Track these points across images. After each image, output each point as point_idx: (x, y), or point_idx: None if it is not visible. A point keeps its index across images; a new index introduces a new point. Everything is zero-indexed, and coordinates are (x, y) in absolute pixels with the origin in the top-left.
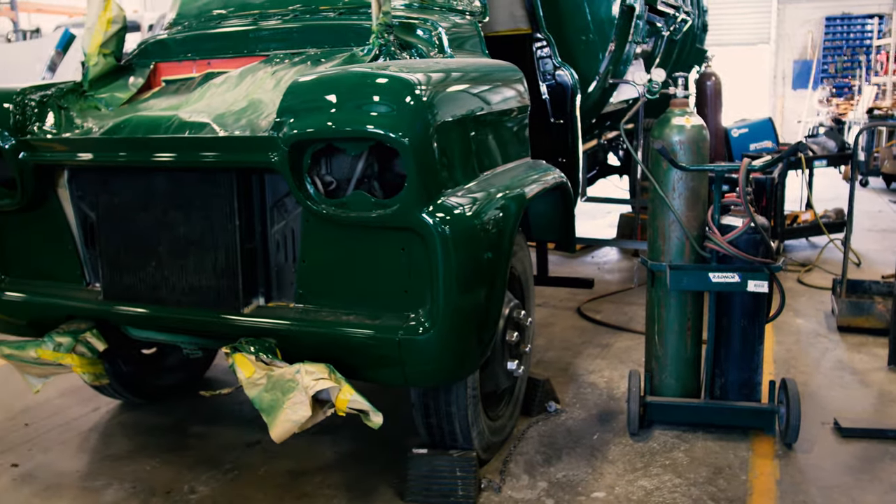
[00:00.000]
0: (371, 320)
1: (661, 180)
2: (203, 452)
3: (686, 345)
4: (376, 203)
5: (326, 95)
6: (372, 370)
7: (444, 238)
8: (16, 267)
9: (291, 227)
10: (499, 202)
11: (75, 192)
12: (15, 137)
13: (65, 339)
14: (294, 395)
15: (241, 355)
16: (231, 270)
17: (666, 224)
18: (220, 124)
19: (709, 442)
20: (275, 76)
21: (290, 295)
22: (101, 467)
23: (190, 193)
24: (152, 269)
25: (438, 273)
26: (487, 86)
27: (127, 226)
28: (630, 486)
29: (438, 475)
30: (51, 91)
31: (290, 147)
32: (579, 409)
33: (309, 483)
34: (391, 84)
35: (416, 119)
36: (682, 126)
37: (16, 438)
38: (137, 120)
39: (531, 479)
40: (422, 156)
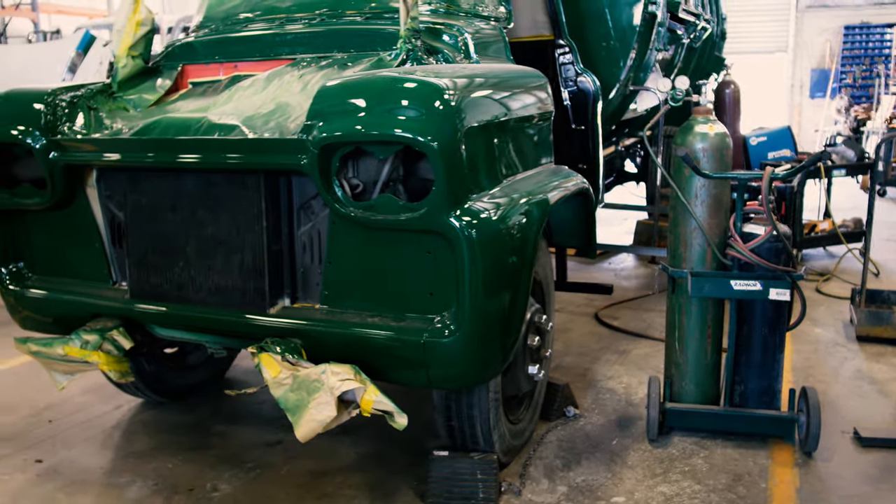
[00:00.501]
0: (396, 322)
1: (683, 187)
2: (225, 451)
3: (706, 352)
4: (404, 206)
5: (356, 99)
6: (396, 372)
7: (470, 242)
8: (43, 265)
9: (318, 229)
10: (524, 207)
11: (104, 192)
12: (46, 137)
13: (92, 337)
14: (319, 396)
15: (267, 355)
16: (257, 271)
17: (688, 231)
18: (248, 126)
19: (728, 449)
20: (302, 80)
21: (316, 296)
22: (124, 464)
23: (218, 194)
24: (179, 269)
25: (464, 276)
26: (513, 91)
27: (155, 226)
28: (650, 491)
29: (459, 477)
30: (81, 92)
31: (320, 150)
32: (598, 414)
33: (330, 483)
34: (420, 88)
35: (445, 123)
36: (706, 134)
37: (40, 434)
38: (167, 121)
39: (551, 483)
40: (450, 160)
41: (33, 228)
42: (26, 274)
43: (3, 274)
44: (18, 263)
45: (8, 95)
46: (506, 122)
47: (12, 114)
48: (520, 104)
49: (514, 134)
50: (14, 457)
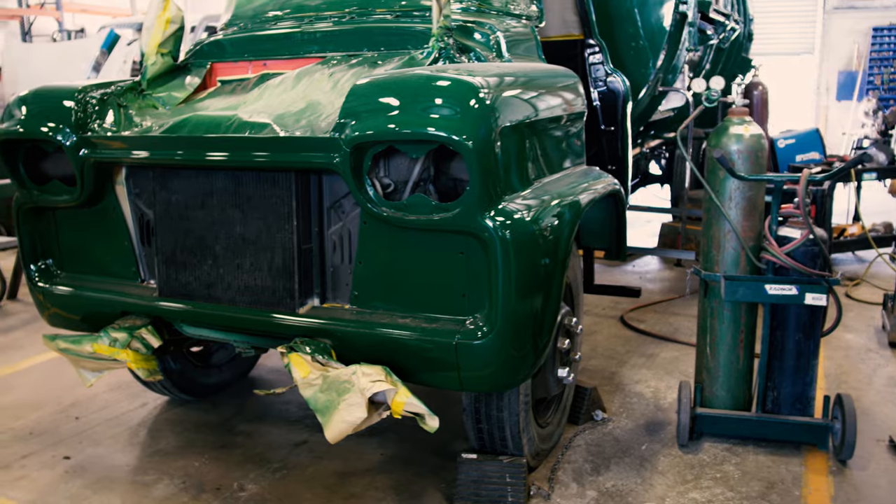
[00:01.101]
0: (428, 324)
1: (717, 189)
2: (251, 450)
3: (738, 357)
4: (437, 206)
5: (389, 97)
6: (426, 373)
7: (504, 243)
8: (72, 262)
9: (348, 229)
10: (557, 208)
11: (133, 190)
12: (76, 134)
13: (120, 335)
14: (349, 397)
15: (297, 355)
16: (287, 270)
17: (721, 234)
18: (279, 125)
19: (760, 456)
20: (332, 78)
21: (346, 296)
22: (150, 462)
23: (248, 193)
24: (208, 268)
25: (498, 278)
26: (547, 91)
27: (184, 224)
28: (681, 498)
29: (488, 480)
30: (110, 89)
31: (352, 149)
32: (626, 418)
33: (356, 484)
34: (455, 87)
35: (480, 122)
36: (741, 135)
37: (67, 431)
38: (197, 119)
39: (580, 487)
40: (484, 159)
41: (62, 226)
42: (55, 271)
43: (31, 271)
44: (47, 261)
45: (38, 92)
46: (539, 122)
47: (43, 110)
48: (553, 104)
49: (547, 134)
50: (42, 453)
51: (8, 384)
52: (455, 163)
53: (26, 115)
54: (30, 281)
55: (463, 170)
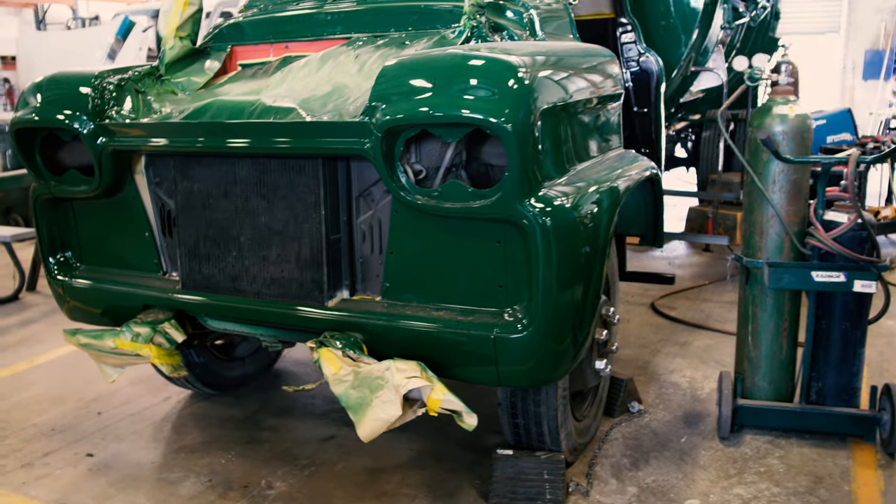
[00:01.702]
0: (464, 317)
1: (760, 172)
2: (277, 446)
3: (781, 346)
4: (473, 193)
5: (423, 78)
6: (462, 368)
7: (545, 231)
8: (91, 254)
9: (378, 218)
10: (597, 194)
11: (153, 179)
12: (93, 122)
13: (143, 330)
14: (383, 393)
15: (327, 350)
16: (316, 262)
17: (764, 219)
18: (305, 109)
19: (804, 449)
20: (358, 60)
21: (376, 288)
22: (175, 459)
23: (273, 181)
24: (232, 260)
25: (538, 268)
26: (586, 71)
27: (207, 214)
28: (725, 493)
29: (525, 477)
30: (128, 74)
31: (384, 133)
32: (663, 410)
33: (388, 481)
34: (493, 67)
35: (520, 104)
36: (786, 115)
37: (89, 427)
38: (219, 104)
39: (619, 483)
40: (524, 143)
41: (80, 217)
42: (74, 264)
43: (50, 264)
44: (66, 253)
45: (53, 79)
46: (578, 104)
47: (59, 97)
48: (592, 85)
49: (587, 116)
50: (64, 450)
51: (29, 378)
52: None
53: (42, 102)
54: (48, 274)
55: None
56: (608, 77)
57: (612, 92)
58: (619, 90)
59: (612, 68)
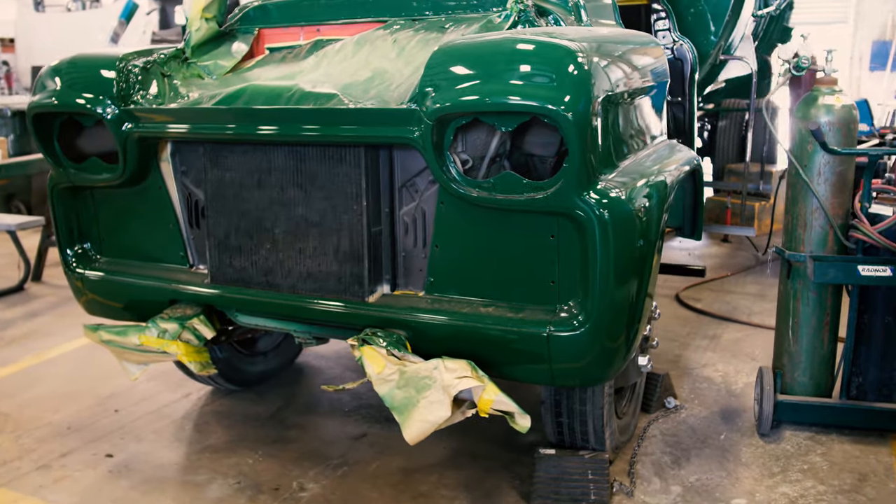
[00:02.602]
0: (514, 313)
1: (804, 164)
2: (306, 445)
3: (823, 341)
4: (529, 185)
5: (479, 64)
6: (512, 367)
7: (603, 224)
8: (112, 246)
9: (422, 209)
10: (650, 187)
11: (179, 167)
12: (118, 107)
13: (170, 326)
14: (430, 394)
15: (371, 348)
16: (356, 255)
17: (808, 211)
18: (347, 96)
19: (846, 445)
20: (397, 44)
21: (419, 283)
22: (200, 459)
23: (311, 170)
24: (266, 252)
25: (596, 262)
26: (636, 58)
27: (239, 204)
28: (771, 492)
29: (568, 477)
30: (153, 57)
31: (435, 121)
32: (698, 405)
33: (424, 482)
34: (553, 53)
35: (580, 91)
36: (831, 106)
37: (107, 426)
38: (253, 90)
39: (662, 482)
40: (584, 132)
41: (101, 207)
42: (93, 256)
43: (68, 256)
44: (85, 244)
45: (74, 61)
46: (631, 92)
47: (81, 81)
48: (643, 72)
49: (638, 105)
50: (83, 451)
51: (40, 374)
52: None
53: (62, 86)
54: (66, 266)
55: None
56: (656, 65)
57: (661, 80)
58: (665, 78)
59: (660, 56)
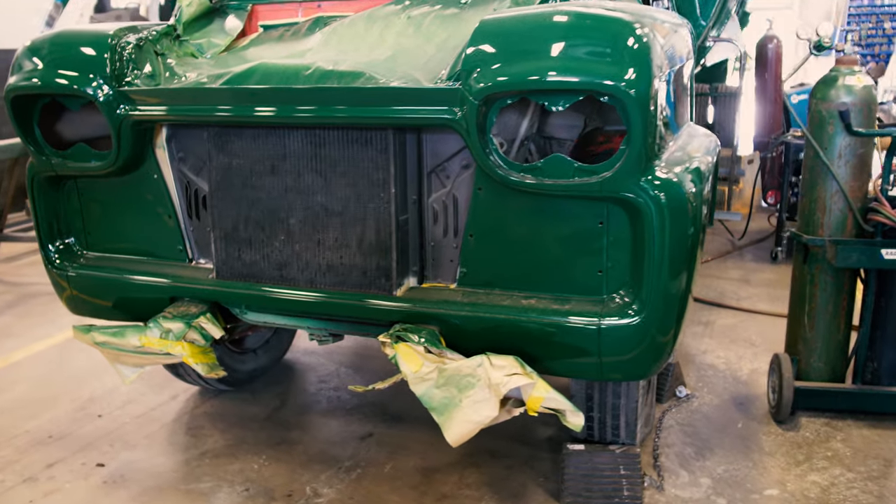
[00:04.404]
0: (559, 305)
1: (824, 147)
2: (312, 447)
3: (839, 326)
4: (580, 169)
5: (530, 39)
6: (556, 361)
7: (661, 209)
8: (99, 241)
9: (454, 196)
10: (695, 171)
11: (176, 154)
12: (112, 88)
13: (175, 325)
14: (474, 393)
15: (407, 346)
16: (383, 246)
17: (828, 195)
18: (375, 74)
19: (863, 430)
20: (412, 21)
21: (449, 275)
22: (200, 466)
23: (332, 155)
24: (280, 245)
25: (653, 250)
26: (675, 36)
27: (248, 193)
28: (801, 481)
29: (599, 473)
30: (144, 34)
31: (481, 101)
32: (708, 393)
33: (445, 482)
34: (612, 26)
35: (643, 67)
36: (852, 86)
37: (92, 433)
38: (265, 68)
39: (690, 474)
40: (646, 112)
41: (87, 197)
42: (78, 251)
43: (49, 251)
44: (68, 239)
45: (57, 39)
46: (676, 71)
47: (69, 60)
48: (682, 50)
49: (679, 85)
50: (70, 461)
51: (9, 378)
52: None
53: (46, 65)
54: (48, 262)
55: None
56: (689, 43)
57: (693, 60)
58: (692, 59)
59: (690, 35)
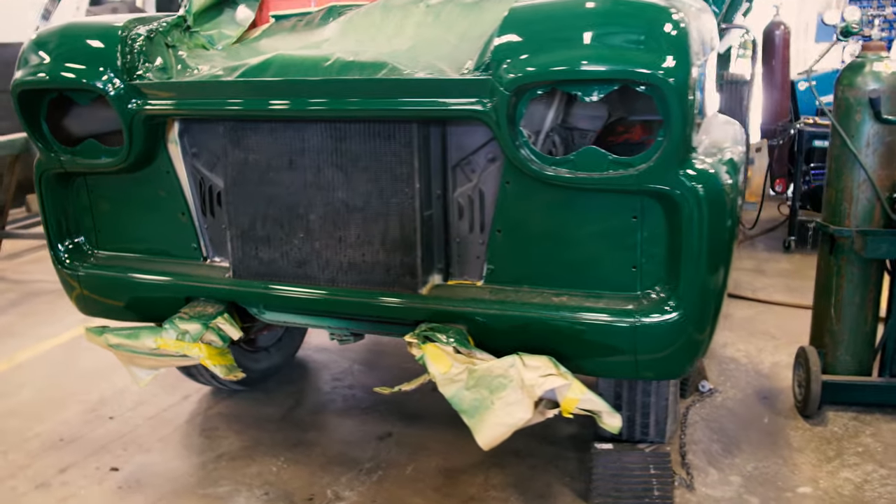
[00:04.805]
0: (592, 301)
1: (852, 135)
2: (330, 448)
3: (866, 319)
4: (615, 161)
5: (565, 26)
6: (589, 360)
7: (699, 202)
8: (109, 239)
9: (480, 190)
10: (729, 162)
11: (188, 149)
12: (124, 82)
13: (192, 326)
14: (506, 394)
15: (435, 346)
16: (407, 243)
17: (855, 184)
18: (400, 65)
19: (892, 425)
20: (431, 11)
21: (475, 272)
22: (217, 469)
23: (354, 149)
24: (299, 242)
25: (691, 244)
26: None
27: (266, 189)
28: (833, 478)
29: (629, 473)
30: (155, 25)
31: (513, 91)
32: (731, 388)
33: (470, 483)
34: (647, 11)
35: (681, 54)
36: (880, 73)
37: (104, 436)
38: (283, 60)
39: (720, 472)
40: (685, 100)
41: (97, 195)
42: (88, 250)
43: (59, 250)
44: (78, 237)
45: (66, 31)
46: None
47: (78, 53)
48: (711, 38)
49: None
50: (84, 465)
51: (14, 381)
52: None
53: (54, 59)
54: (57, 261)
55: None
56: (713, 29)
57: (717, 46)
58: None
59: (713, 20)
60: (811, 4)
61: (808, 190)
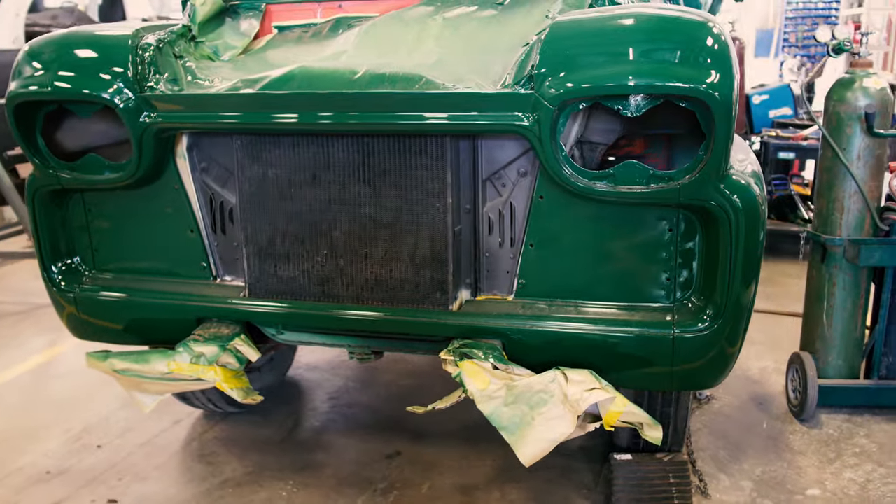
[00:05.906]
0: (629, 315)
1: (844, 147)
2: (340, 469)
3: (857, 324)
4: (655, 175)
5: (610, 41)
6: (626, 372)
7: (738, 215)
8: (107, 259)
9: (511, 204)
10: (754, 172)
11: (198, 164)
12: (134, 94)
13: (208, 349)
14: (548, 409)
15: (472, 363)
16: (438, 258)
17: (846, 195)
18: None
19: (883, 425)
20: (450, 24)
21: (505, 286)
22: (224, 497)
23: (382, 164)
24: (322, 259)
25: (727, 256)
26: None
27: (286, 205)
28: (838, 479)
29: (649, 483)
30: (163, 34)
31: (558, 106)
32: (725, 394)
33: (486, 500)
34: (690, 27)
35: (725, 69)
36: (869, 88)
37: (96, 465)
38: (304, 72)
39: (730, 478)
40: (729, 114)
41: (95, 212)
42: (84, 271)
43: (52, 272)
44: (74, 258)
45: (70, 39)
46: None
47: (85, 63)
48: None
49: None
50: (77, 497)
51: None
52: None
53: (55, 70)
54: (51, 284)
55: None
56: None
57: None
58: None
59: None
60: (749, 20)
61: (772, 200)
